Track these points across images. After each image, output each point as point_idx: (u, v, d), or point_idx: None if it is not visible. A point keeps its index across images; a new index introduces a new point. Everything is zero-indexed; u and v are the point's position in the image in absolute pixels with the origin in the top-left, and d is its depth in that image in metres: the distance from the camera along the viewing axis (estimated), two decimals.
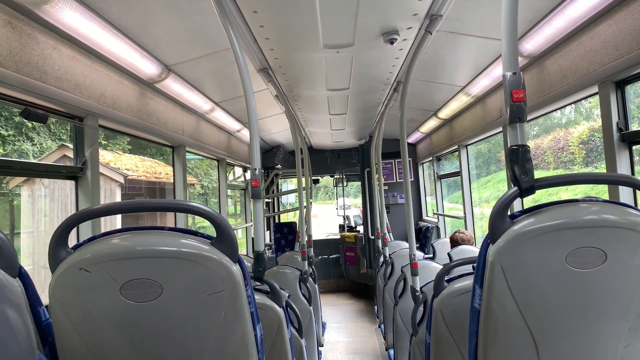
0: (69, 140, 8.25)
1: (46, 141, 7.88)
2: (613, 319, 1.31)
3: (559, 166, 7.55)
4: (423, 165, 8.43)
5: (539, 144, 7.89)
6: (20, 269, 1.24)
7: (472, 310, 1.42)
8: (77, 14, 2.29)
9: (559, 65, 3.04)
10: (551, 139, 7.63)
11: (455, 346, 2.07)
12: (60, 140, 8.10)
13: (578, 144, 6.90)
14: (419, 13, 2.54)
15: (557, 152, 7.53)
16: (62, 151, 7.20)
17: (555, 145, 7.50)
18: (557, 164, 7.61)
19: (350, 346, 6.02)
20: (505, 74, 1.38)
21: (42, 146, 7.76)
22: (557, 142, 7.43)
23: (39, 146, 7.72)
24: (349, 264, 8.65)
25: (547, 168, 7.93)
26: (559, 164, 7.53)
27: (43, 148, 7.74)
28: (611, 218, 1.27)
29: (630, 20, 2.32)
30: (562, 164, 7.42)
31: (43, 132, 7.81)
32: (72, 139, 2.87)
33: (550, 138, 7.67)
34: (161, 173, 10.10)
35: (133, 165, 9.30)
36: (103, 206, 1.41)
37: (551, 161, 7.81)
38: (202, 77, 3.92)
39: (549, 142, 7.72)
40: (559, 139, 7.38)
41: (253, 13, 2.43)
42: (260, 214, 2.31)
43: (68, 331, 1.31)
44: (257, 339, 1.45)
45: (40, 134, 7.78)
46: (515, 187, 1.36)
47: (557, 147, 7.47)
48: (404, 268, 3.94)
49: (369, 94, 4.47)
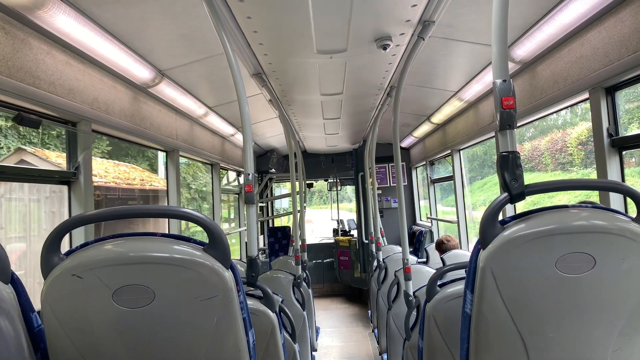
0: (40, 144, 7.97)
1: (15, 143, 7.55)
2: (603, 324, 1.33)
3: (556, 168, 7.34)
4: (417, 170, 8.46)
5: (536, 145, 7.71)
6: (12, 275, 1.24)
7: (464, 315, 1.43)
8: (70, 19, 2.29)
9: (551, 71, 3.07)
10: (549, 140, 7.47)
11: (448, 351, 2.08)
12: (31, 144, 7.72)
13: (577, 145, 6.74)
14: (411, 19, 2.56)
15: (555, 153, 7.38)
16: (19, 155, 6.82)
17: (553, 146, 7.34)
18: (555, 165, 7.41)
19: (343, 351, 6.01)
20: (496, 81, 1.39)
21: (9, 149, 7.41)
22: (555, 144, 7.29)
23: (6, 149, 7.40)
24: (342, 268, 8.65)
25: (545, 170, 7.74)
26: (557, 165, 7.34)
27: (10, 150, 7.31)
28: (600, 224, 1.29)
29: (619, 27, 2.36)
30: (560, 166, 7.25)
31: (11, 134, 7.53)
32: (65, 144, 2.87)
33: (547, 139, 7.50)
34: (135, 179, 9.54)
35: (102, 170, 8.76)
36: (96, 212, 1.41)
37: (549, 163, 7.63)
38: (195, 82, 3.93)
39: (546, 143, 7.56)
40: (556, 140, 7.25)
41: (247, 19, 2.44)
42: (253, 219, 2.32)
43: (60, 337, 1.30)
44: (249, 344, 1.45)
45: (7, 136, 7.44)
46: (505, 193, 1.37)
47: (555, 149, 7.33)
48: (398, 272, 3.94)
49: (362, 98, 4.49)
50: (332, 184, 9.53)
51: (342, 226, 9.60)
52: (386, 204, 8.50)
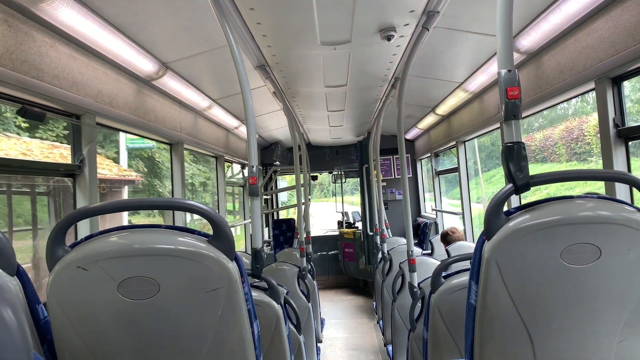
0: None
1: None
2: (608, 315, 1.32)
3: (571, 158, 6.85)
4: (421, 162, 8.44)
5: (549, 134, 7.23)
6: (18, 267, 1.24)
7: (468, 306, 1.43)
8: (73, 11, 2.28)
9: (556, 61, 3.04)
10: (563, 129, 6.98)
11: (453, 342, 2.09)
12: None
13: (595, 134, 6.26)
14: (415, 10, 2.54)
15: (571, 142, 6.92)
16: None
17: (568, 135, 6.87)
18: (569, 155, 6.92)
19: (348, 342, 6.04)
20: (500, 72, 1.39)
21: None
22: (570, 133, 6.86)
23: None
24: (347, 260, 8.67)
25: (559, 161, 7.21)
26: (572, 155, 6.85)
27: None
28: (606, 214, 1.28)
29: (626, 16, 2.33)
30: (576, 156, 6.82)
31: None
32: (70, 137, 2.87)
33: (562, 128, 7.01)
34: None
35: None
36: (101, 204, 1.42)
37: (563, 153, 7.15)
38: (199, 74, 3.92)
39: (560, 132, 7.07)
40: (572, 128, 6.84)
41: (250, 10, 2.43)
42: (258, 211, 2.32)
43: (66, 329, 1.31)
44: (254, 335, 1.46)
45: None
46: (510, 184, 1.37)
47: (571, 138, 6.89)
48: (402, 264, 3.95)
49: (366, 90, 4.47)
50: (336, 176, 9.52)
51: (346, 218, 9.61)
52: (391, 196, 8.50)
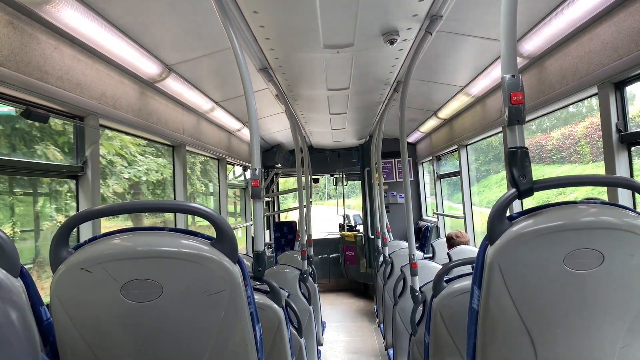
0: None
1: None
2: (611, 320, 1.32)
3: (597, 158, 6.09)
4: (423, 165, 8.44)
5: (568, 132, 6.72)
6: (21, 269, 1.25)
7: (471, 310, 1.43)
8: (77, 13, 2.29)
9: (559, 66, 3.04)
10: (586, 125, 6.38)
11: (454, 346, 2.08)
12: None
13: None
14: (419, 14, 2.55)
15: (598, 140, 6.20)
16: None
17: (593, 132, 6.22)
18: (594, 155, 6.20)
19: (349, 345, 6.03)
20: (504, 76, 1.38)
21: None
22: (595, 130, 6.05)
23: None
24: (348, 263, 8.66)
25: (582, 161, 6.61)
26: (598, 155, 6.00)
27: None
28: (609, 220, 1.28)
29: (629, 21, 2.33)
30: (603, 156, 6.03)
31: None
32: (74, 139, 2.88)
33: (584, 125, 6.42)
34: None
35: None
36: (104, 207, 1.42)
37: (587, 152, 6.54)
38: (202, 77, 3.93)
39: (583, 129, 6.50)
40: (597, 125, 6.18)
41: (253, 13, 2.44)
42: (260, 214, 2.32)
43: (69, 331, 1.31)
44: (256, 338, 1.46)
45: None
46: (513, 189, 1.37)
47: (597, 135, 6.06)
48: (404, 268, 3.94)
49: (369, 93, 4.48)
50: (338, 179, 9.52)
51: (348, 221, 9.60)
52: (392, 199, 8.49)
